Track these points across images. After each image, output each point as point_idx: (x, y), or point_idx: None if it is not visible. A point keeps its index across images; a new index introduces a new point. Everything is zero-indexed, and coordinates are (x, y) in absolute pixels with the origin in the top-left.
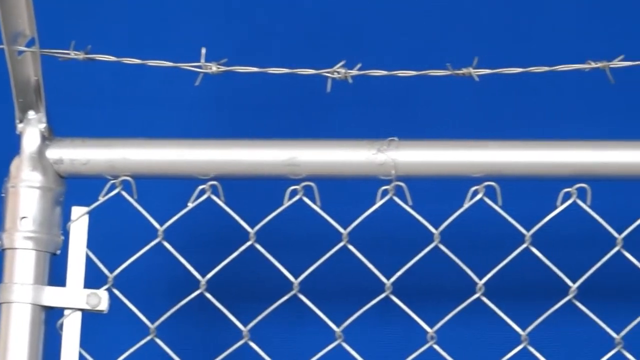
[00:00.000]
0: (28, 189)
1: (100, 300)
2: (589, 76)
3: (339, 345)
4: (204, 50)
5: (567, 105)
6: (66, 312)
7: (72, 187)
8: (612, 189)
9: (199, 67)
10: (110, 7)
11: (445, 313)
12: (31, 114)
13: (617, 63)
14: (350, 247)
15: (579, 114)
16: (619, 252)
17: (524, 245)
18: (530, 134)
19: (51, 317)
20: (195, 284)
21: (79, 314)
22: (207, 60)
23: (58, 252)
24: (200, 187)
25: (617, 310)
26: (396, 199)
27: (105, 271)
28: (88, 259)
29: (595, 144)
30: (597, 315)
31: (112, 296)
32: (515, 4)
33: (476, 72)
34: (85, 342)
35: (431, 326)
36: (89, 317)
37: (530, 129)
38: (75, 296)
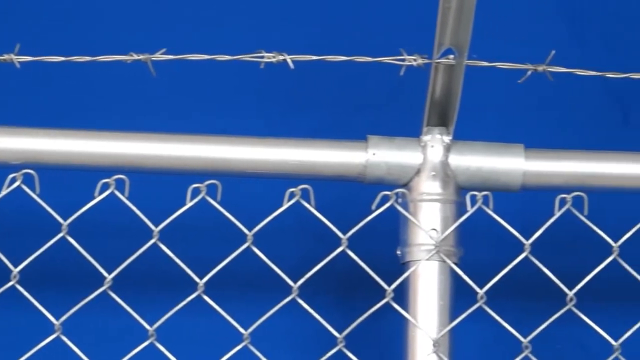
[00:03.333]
0: None
1: None
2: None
3: None
4: None
5: (122, 96)
6: None
7: None
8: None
9: None
10: None
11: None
12: None
13: (159, 56)
14: None
15: (130, 105)
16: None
17: (152, 241)
18: (94, 124)
19: None
20: None
21: None
22: None
23: None
24: None
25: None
26: None
27: None
28: None
29: (135, 135)
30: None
31: None
32: None
33: (17, 59)
34: None
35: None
36: None
37: (96, 119)
38: None
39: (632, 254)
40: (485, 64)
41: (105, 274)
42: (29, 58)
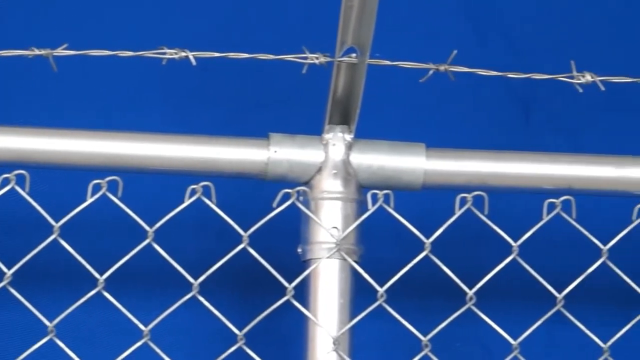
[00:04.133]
0: None
1: None
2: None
3: None
4: None
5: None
6: None
7: None
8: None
9: None
10: None
11: None
12: None
13: (61, 52)
14: None
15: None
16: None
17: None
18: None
19: None
20: None
21: None
22: None
23: None
24: None
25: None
26: None
27: None
28: None
29: (36, 131)
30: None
31: None
32: None
33: None
34: None
35: None
36: None
37: None
38: None
39: (531, 253)
40: (388, 62)
41: (5, 269)
42: None
